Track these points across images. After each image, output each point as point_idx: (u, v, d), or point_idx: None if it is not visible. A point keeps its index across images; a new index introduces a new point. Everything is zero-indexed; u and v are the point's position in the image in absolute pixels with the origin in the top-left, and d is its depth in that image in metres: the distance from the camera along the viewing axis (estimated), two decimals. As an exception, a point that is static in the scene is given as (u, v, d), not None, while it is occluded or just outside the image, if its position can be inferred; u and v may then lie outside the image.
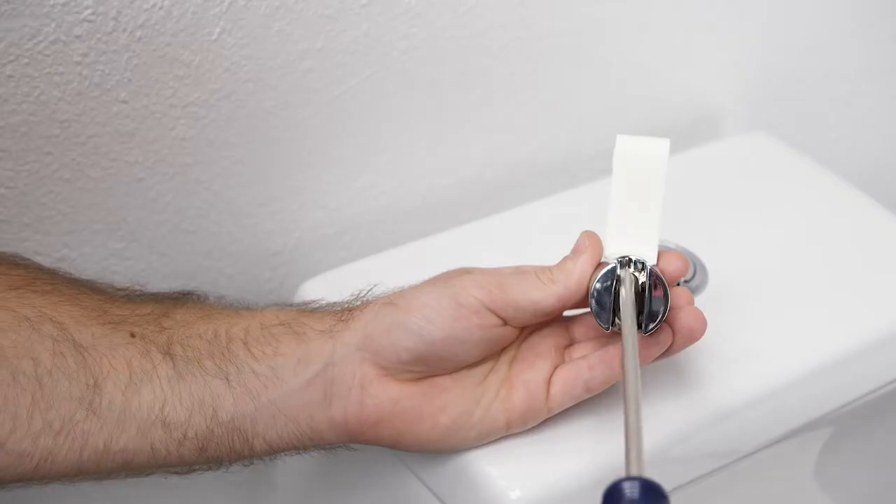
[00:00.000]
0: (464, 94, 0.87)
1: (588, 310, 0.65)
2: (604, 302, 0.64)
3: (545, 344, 0.66)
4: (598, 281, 0.64)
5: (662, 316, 0.64)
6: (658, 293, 0.64)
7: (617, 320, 0.64)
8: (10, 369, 0.60)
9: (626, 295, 0.63)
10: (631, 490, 0.50)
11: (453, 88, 0.86)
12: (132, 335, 0.63)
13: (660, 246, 0.66)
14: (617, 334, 0.65)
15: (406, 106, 0.85)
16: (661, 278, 0.64)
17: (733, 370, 0.72)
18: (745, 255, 0.81)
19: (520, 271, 0.65)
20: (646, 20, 0.93)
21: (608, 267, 0.64)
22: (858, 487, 0.89)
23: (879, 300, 0.78)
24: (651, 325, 0.64)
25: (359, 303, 0.66)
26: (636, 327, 0.63)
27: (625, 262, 0.64)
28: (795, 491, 0.84)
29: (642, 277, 0.64)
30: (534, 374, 0.65)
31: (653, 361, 0.65)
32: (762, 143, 0.92)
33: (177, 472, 0.65)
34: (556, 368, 0.66)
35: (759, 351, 0.73)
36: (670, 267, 0.66)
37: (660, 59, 0.95)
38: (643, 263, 0.64)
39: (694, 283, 0.78)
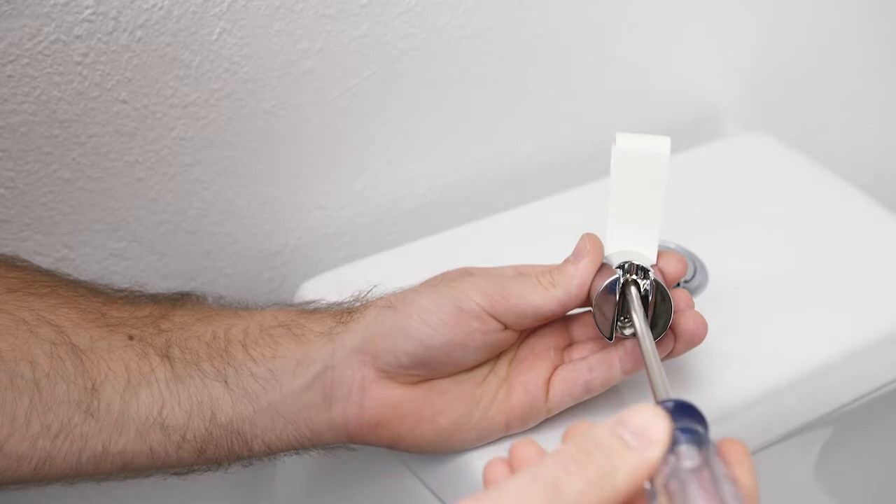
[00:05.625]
0: (464, 94, 0.87)
1: (588, 309, 0.65)
2: (606, 312, 0.63)
3: (544, 345, 0.66)
4: (599, 292, 0.63)
5: (665, 325, 0.63)
6: (661, 302, 0.63)
7: (619, 330, 0.64)
8: (7, 372, 0.60)
9: (639, 322, 0.62)
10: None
11: (453, 88, 0.86)
12: (130, 338, 0.63)
13: (660, 246, 0.66)
14: (619, 339, 0.64)
15: (406, 106, 0.85)
16: (663, 288, 0.63)
17: (733, 370, 0.72)
18: (745, 255, 0.80)
19: (520, 273, 0.65)
20: (646, 20, 0.93)
21: (612, 277, 0.63)
22: (858, 487, 0.89)
23: (879, 300, 0.78)
24: (654, 336, 0.63)
25: (358, 304, 0.66)
26: (652, 339, 0.61)
27: (627, 269, 0.63)
28: (795, 491, 0.84)
29: (645, 285, 0.63)
30: (533, 375, 0.65)
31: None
32: (762, 143, 0.92)
33: (176, 473, 0.65)
34: (555, 369, 0.66)
35: (759, 350, 0.73)
36: (670, 268, 0.65)
37: (660, 59, 0.95)
38: (645, 271, 0.64)
39: (694, 283, 0.78)
